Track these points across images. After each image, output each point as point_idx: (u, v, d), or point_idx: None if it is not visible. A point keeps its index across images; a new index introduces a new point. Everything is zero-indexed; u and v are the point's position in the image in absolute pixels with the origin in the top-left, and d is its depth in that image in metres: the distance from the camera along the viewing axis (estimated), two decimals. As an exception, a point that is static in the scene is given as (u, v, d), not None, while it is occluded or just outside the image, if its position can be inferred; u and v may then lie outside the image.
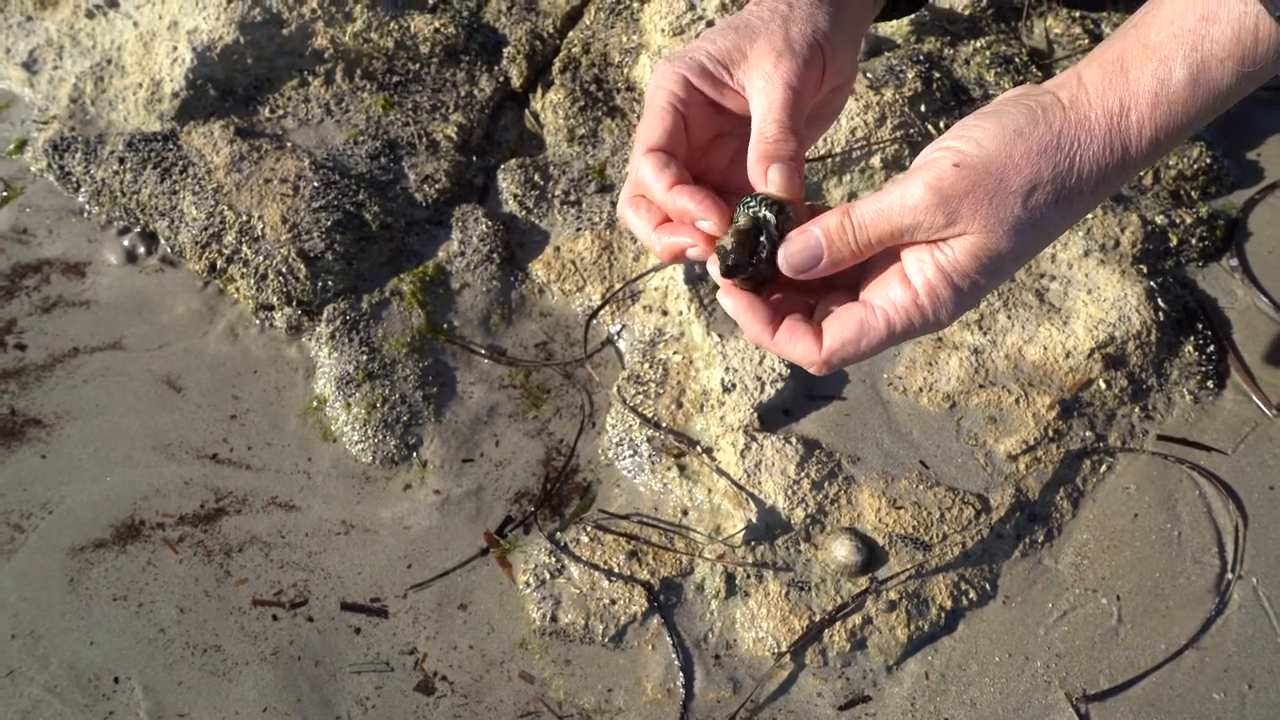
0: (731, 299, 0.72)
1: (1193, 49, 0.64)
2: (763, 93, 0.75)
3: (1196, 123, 0.67)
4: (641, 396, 1.38)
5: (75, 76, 1.67)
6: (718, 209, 0.71)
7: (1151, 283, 1.44)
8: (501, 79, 1.70)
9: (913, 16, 1.67)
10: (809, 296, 0.76)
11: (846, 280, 0.74)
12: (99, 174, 1.57)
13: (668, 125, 0.75)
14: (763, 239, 0.71)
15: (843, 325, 0.70)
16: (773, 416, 1.35)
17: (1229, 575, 1.26)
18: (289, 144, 1.58)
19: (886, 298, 0.70)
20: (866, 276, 0.73)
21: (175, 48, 1.63)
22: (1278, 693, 1.18)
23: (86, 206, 1.59)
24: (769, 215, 0.71)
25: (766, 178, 0.72)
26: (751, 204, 0.72)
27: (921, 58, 1.60)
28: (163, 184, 1.54)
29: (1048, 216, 0.67)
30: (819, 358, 0.71)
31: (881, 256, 0.72)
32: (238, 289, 1.48)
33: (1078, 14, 1.72)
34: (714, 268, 0.72)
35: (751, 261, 0.71)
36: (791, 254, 0.70)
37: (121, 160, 1.57)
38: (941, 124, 1.55)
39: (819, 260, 0.70)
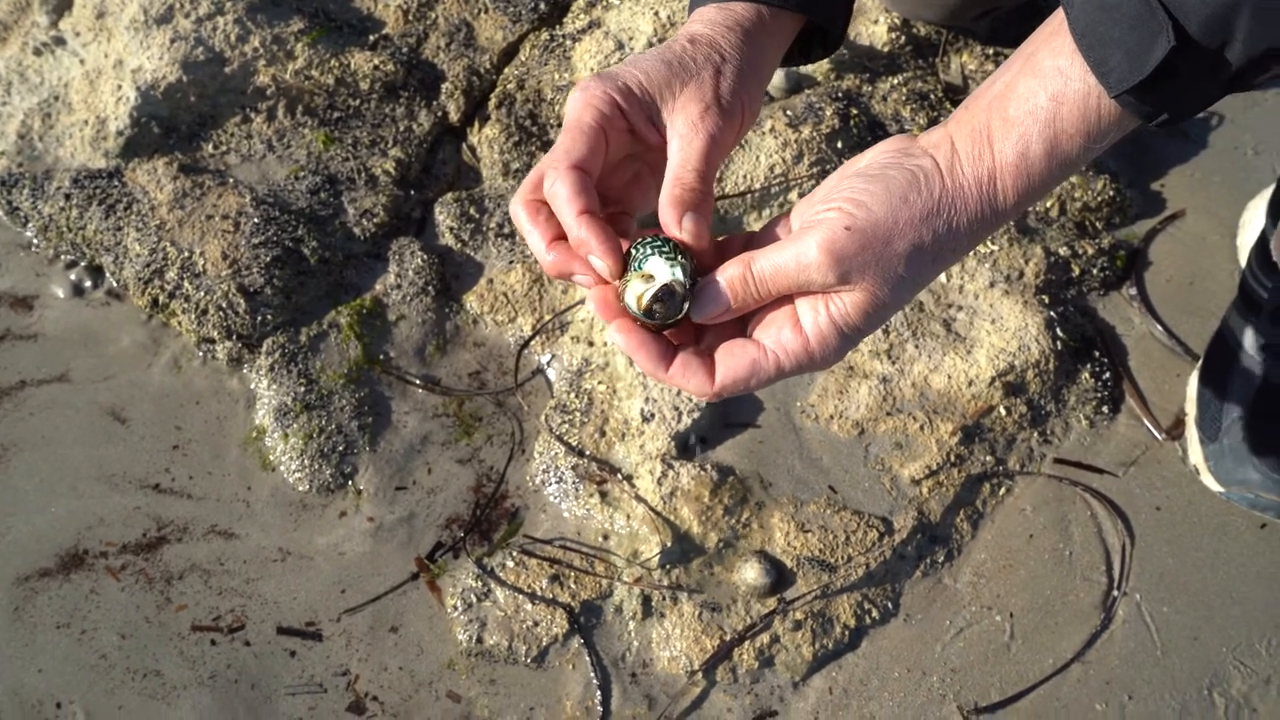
0: (624, 336, 0.77)
1: (1046, 125, 0.72)
2: (685, 139, 0.80)
3: (1053, 185, 0.75)
4: (568, 425, 1.45)
5: (23, 113, 1.72)
6: (615, 254, 0.76)
7: (1052, 313, 1.52)
8: (440, 114, 1.76)
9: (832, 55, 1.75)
10: (697, 329, 0.81)
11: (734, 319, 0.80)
12: (46, 209, 1.62)
13: (592, 145, 0.78)
14: (679, 293, 0.76)
15: (736, 362, 0.77)
16: (689, 445, 1.42)
17: (1115, 592, 1.34)
18: (231, 180, 1.64)
19: (779, 340, 0.76)
20: (756, 314, 0.79)
21: (120, 86, 1.68)
22: (1155, 703, 1.26)
23: (34, 241, 1.64)
24: (680, 273, 0.76)
25: (680, 224, 0.78)
26: (649, 249, 0.76)
27: (840, 95, 1.68)
28: (107, 220, 1.59)
29: (925, 271, 0.76)
30: (711, 390, 0.77)
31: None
32: (180, 323, 1.54)
33: (991, 51, 1.80)
34: (630, 310, 0.77)
35: (677, 316, 0.77)
36: (702, 306, 0.77)
37: (68, 196, 1.62)
38: (858, 159, 1.62)
39: (725, 310, 0.77)
